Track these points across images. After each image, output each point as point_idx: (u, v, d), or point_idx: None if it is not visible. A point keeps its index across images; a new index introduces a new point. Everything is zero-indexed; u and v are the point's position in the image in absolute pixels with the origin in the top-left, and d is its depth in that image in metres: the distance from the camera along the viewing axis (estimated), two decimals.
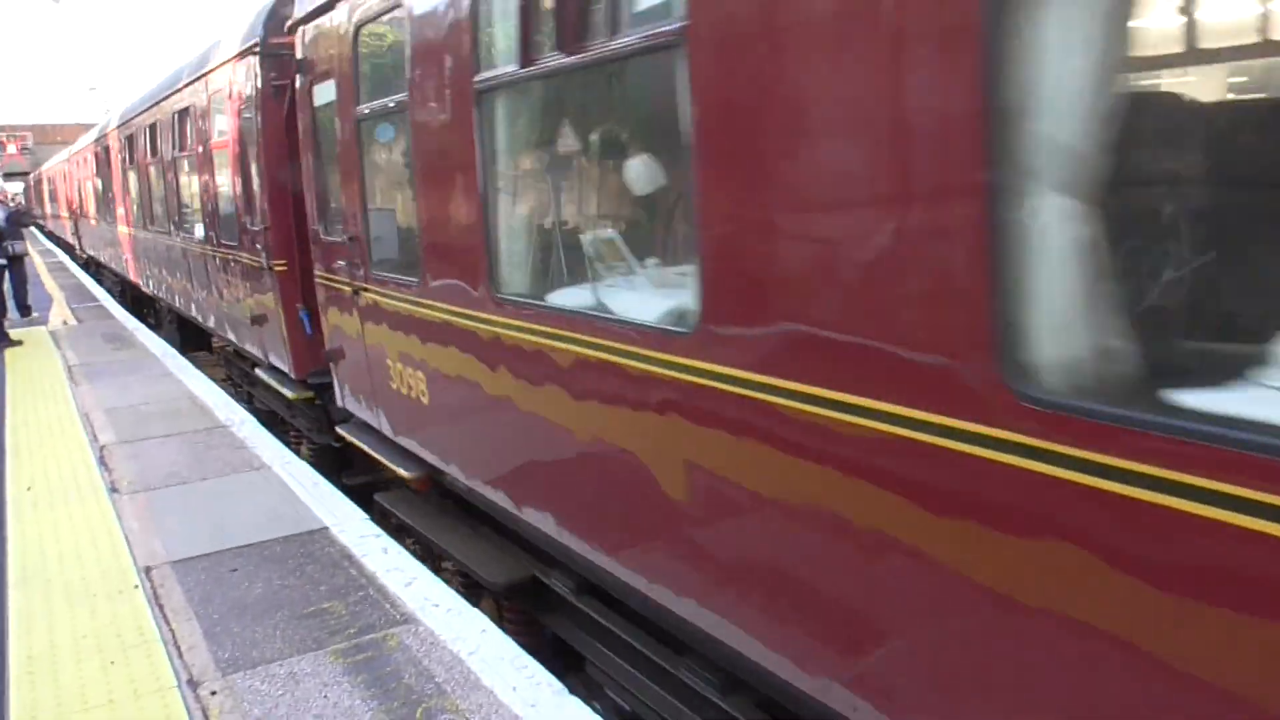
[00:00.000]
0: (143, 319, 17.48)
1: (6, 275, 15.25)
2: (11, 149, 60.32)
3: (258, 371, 10.19)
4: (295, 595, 5.10)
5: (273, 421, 10.10)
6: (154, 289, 16.61)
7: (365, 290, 6.34)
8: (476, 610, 4.83)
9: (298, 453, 8.44)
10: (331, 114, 6.72)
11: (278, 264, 8.51)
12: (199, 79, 10.76)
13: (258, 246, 8.89)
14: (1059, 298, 2.28)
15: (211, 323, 12.16)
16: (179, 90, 11.86)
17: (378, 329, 6.25)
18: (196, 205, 11.78)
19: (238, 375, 12.54)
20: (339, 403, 7.54)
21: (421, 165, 5.28)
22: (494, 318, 4.68)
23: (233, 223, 9.87)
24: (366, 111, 6.09)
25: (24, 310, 16.83)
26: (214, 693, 4.17)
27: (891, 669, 2.78)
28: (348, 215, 6.55)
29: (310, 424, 9.27)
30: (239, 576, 5.39)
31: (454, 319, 5.07)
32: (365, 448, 6.88)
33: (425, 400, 5.61)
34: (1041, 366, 2.30)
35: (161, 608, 5.05)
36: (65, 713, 4.11)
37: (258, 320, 9.48)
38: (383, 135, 6.22)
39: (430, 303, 5.33)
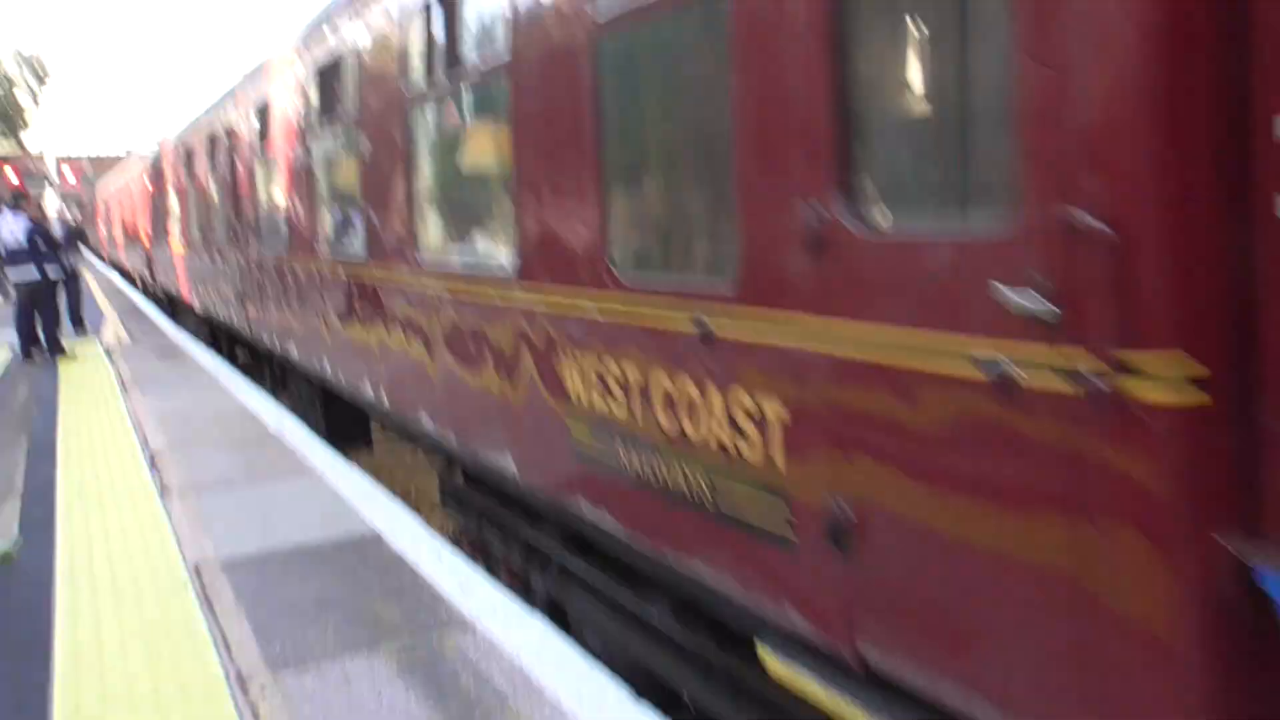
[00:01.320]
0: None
1: (63, 290, 15.46)
2: (71, 180, 63.56)
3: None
4: (346, 597, 4.92)
5: None
6: (289, 348, 10.65)
7: None
8: (535, 617, 4.62)
9: None
10: None
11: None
12: None
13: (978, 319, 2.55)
14: None
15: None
16: None
17: None
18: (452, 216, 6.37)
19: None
20: None
21: None
22: None
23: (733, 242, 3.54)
24: None
25: (77, 324, 17.03)
26: (264, 689, 3.99)
27: None
28: None
29: None
30: (289, 577, 5.22)
31: None
32: None
33: None
34: None
35: (211, 606, 4.90)
36: (110, 707, 3.95)
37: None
38: None
39: None
